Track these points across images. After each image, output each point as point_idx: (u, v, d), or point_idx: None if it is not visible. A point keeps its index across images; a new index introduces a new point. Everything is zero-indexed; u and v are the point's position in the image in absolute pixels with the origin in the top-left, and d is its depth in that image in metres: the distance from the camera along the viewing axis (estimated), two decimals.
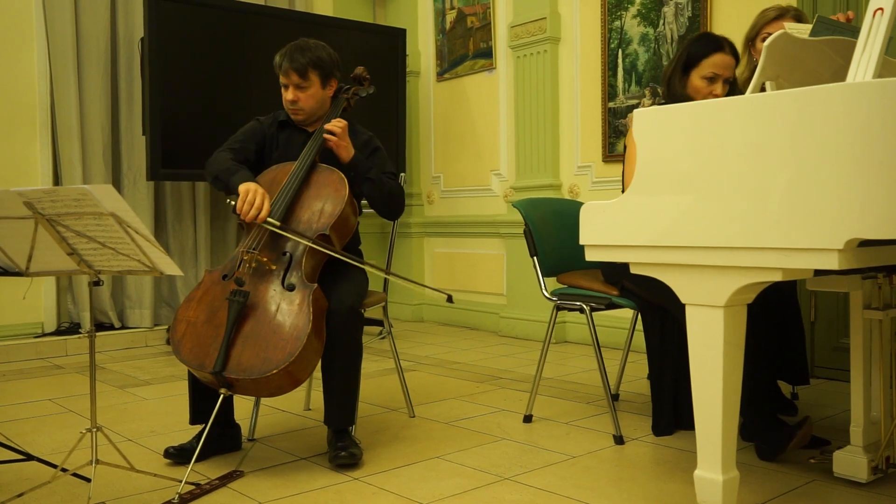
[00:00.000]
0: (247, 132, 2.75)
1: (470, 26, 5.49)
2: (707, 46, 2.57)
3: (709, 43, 2.58)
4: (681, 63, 2.58)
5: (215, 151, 2.68)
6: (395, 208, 2.80)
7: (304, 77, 2.63)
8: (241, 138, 2.73)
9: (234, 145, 2.69)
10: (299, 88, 2.65)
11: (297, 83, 2.64)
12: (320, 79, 2.68)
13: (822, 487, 2.21)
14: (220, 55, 4.70)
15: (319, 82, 2.68)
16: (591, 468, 2.43)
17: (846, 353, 2.44)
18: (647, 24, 4.36)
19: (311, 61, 2.63)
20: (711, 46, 2.56)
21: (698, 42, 2.60)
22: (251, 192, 2.43)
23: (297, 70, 2.62)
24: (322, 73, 2.67)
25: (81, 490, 2.21)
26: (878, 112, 1.49)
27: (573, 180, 4.79)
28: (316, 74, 2.66)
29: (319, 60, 2.66)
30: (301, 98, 2.66)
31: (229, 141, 2.72)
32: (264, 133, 2.76)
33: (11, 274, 2.18)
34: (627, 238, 1.89)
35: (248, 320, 2.38)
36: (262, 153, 2.76)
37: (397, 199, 2.78)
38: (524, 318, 5.01)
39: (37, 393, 3.61)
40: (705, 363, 1.81)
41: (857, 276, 2.15)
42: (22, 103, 4.66)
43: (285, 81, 2.67)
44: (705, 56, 2.55)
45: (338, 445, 2.46)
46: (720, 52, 2.55)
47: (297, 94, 2.66)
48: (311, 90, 2.67)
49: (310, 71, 2.63)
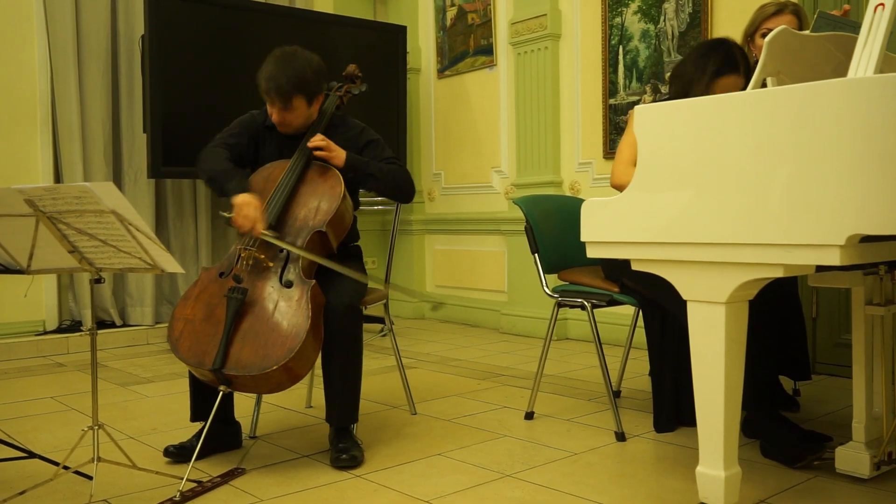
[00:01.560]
0: (242, 124, 2.73)
1: (470, 23, 5.48)
2: (729, 65, 2.52)
3: (731, 62, 2.53)
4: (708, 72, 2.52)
5: (208, 145, 2.64)
6: (405, 192, 2.78)
7: (289, 105, 2.58)
8: (236, 132, 2.70)
9: (228, 140, 2.66)
10: (285, 111, 2.60)
11: (282, 108, 2.59)
12: (306, 100, 2.62)
13: (825, 483, 2.21)
14: (221, 52, 4.70)
15: (306, 104, 2.63)
16: (593, 465, 2.43)
17: (848, 349, 2.44)
18: (647, 21, 4.35)
19: (295, 87, 2.55)
20: (733, 67, 2.52)
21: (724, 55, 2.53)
22: (247, 205, 2.42)
23: (282, 98, 2.56)
24: (307, 94, 2.61)
25: (83, 488, 2.21)
26: (880, 107, 1.49)
27: (574, 177, 4.79)
28: (301, 98, 2.60)
29: (304, 84, 2.58)
30: (288, 119, 2.63)
31: (223, 134, 2.69)
32: (258, 126, 2.74)
33: (13, 272, 2.18)
34: (628, 235, 1.89)
35: (246, 317, 2.38)
36: (256, 146, 2.74)
37: (404, 182, 2.76)
38: (525, 315, 5.01)
39: (38, 391, 3.61)
40: (707, 360, 1.81)
41: (858, 272, 2.15)
42: (22, 101, 4.66)
43: (270, 104, 2.62)
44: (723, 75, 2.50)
45: (339, 447, 2.46)
46: (736, 75, 2.51)
47: (283, 116, 2.62)
48: (298, 112, 2.62)
49: (294, 96, 2.57)
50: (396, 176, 2.73)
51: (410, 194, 2.80)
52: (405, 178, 2.77)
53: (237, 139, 2.68)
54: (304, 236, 2.50)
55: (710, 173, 1.73)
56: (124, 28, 4.93)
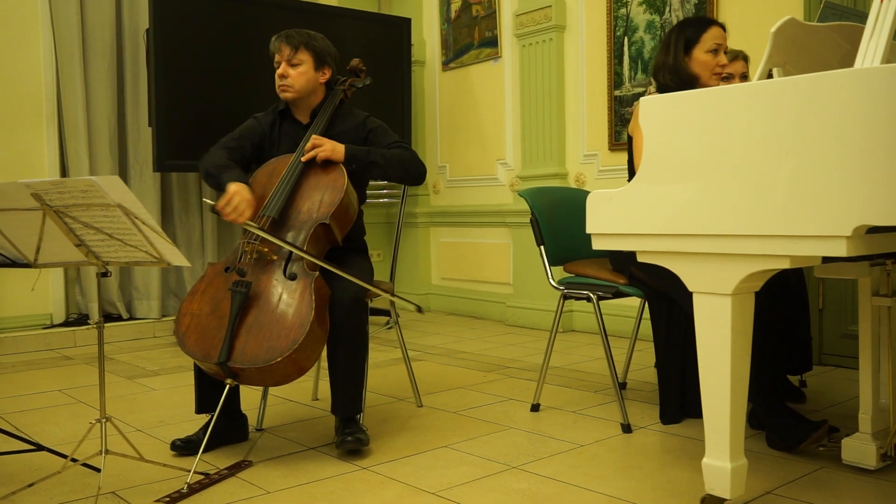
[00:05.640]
0: (244, 130, 2.74)
1: (475, 15, 5.47)
2: (701, 24, 2.65)
3: (701, 21, 2.68)
4: (681, 47, 2.60)
5: (211, 148, 2.67)
6: (413, 174, 2.74)
7: (294, 53, 2.63)
8: (238, 136, 2.72)
9: (230, 143, 2.69)
10: (290, 65, 2.65)
11: (288, 58, 2.64)
12: (313, 59, 2.67)
13: (831, 474, 2.21)
14: (226, 46, 4.69)
15: (312, 62, 2.67)
16: (599, 457, 2.44)
17: (854, 341, 2.43)
18: (653, 12, 4.33)
19: (304, 41, 2.65)
20: (705, 23, 2.65)
21: (689, 25, 2.66)
22: (236, 194, 2.43)
23: (290, 44, 2.64)
24: (315, 54, 2.67)
25: (91, 480, 2.23)
26: (886, 98, 1.48)
27: (579, 169, 4.78)
28: (308, 54, 2.66)
29: (313, 41, 2.68)
30: (291, 74, 2.65)
31: (226, 139, 2.71)
32: (262, 131, 2.75)
33: (20, 265, 2.19)
34: (634, 226, 1.89)
35: (251, 310, 2.38)
36: (260, 151, 2.75)
37: (410, 165, 2.71)
38: (531, 308, 5.01)
39: (46, 384, 3.63)
40: (713, 351, 1.81)
41: (865, 263, 2.14)
42: (28, 96, 4.67)
43: (278, 58, 2.67)
44: (704, 31, 2.60)
45: (345, 431, 2.47)
46: (714, 26, 2.63)
47: (286, 69, 2.65)
48: (302, 68, 2.65)
49: (302, 48, 2.64)
50: (402, 159, 2.70)
51: (420, 175, 2.75)
52: (411, 159, 2.72)
53: (238, 143, 2.70)
54: (308, 229, 2.50)
55: (715, 164, 1.73)
56: (129, 22, 4.93)
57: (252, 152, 2.73)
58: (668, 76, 2.61)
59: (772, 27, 1.91)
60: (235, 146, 2.69)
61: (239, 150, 2.68)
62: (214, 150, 2.65)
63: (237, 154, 2.67)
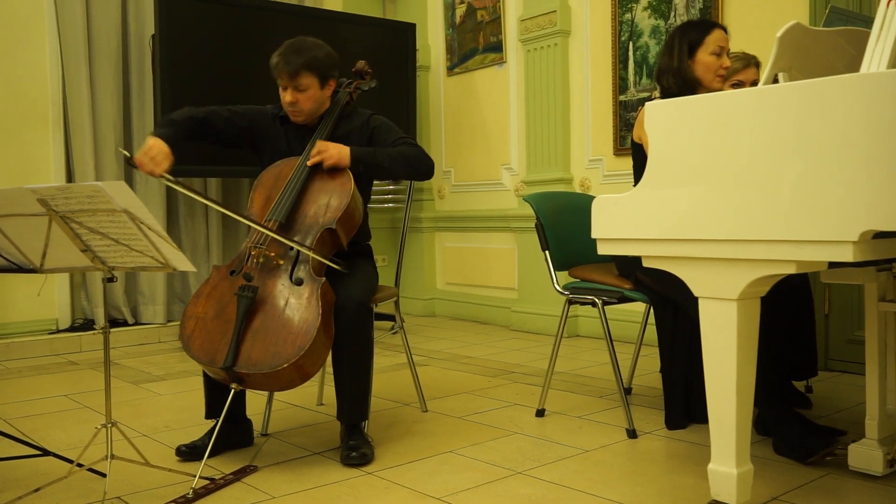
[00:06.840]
0: (251, 110, 2.75)
1: (480, 20, 5.47)
2: (704, 26, 2.65)
3: (703, 24, 2.69)
4: (684, 49, 2.61)
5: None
6: (421, 170, 2.71)
7: (299, 79, 2.59)
8: (240, 111, 2.72)
9: (224, 110, 2.69)
10: (297, 90, 2.62)
11: (294, 85, 2.61)
12: (318, 80, 2.63)
13: (837, 481, 2.20)
14: (231, 51, 4.70)
15: (317, 83, 2.64)
16: (604, 462, 2.43)
17: (861, 346, 2.42)
18: (657, 17, 4.34)
19: (305, 63, 2.59)
20: (708, 25, 2.66)
21: (692, 27, 2.66)
22: (154, 147, 2.41)
23: (292, 73, 2.58)
24: (319, 73, 2.63)
25: (97, 485, 2.23)
26: (892, 102, 1.48)
27: (584, 174, 4.78)
28: (312, 76, 2.61)
29: (315, 61, 2.61)
30: (300, 100, 2.63)
31: (230, 106, 2.72)
32: (266, 121, 2.75)
33: (26, 271, 2.19)
34: (639, 231, 1.88)
35: (257, 315, 2.38)
36: (252, 137, 2.74)
37: (416, 161, 2.69)
38: (536, 313, 5.00)
39: (52, 389, 3.63)
40: (719, 356, 1.80)
41: (871, 269, 2.13)
42: (34, 101, 4.68)
43: (282, 84, 2.63)
44: (707, 34, 2.61)
45: (349, 444, 2.46)
46: (717, 28, 2.63)
47: (295, 95, 2.62)
48: (310, 92, 2.63)
49: (305, 73, 2.59)
50: (408, 157, 2.68)
51: (428, 170, 2.73)
52: (417, 155, 2.70)
53: (232, 114, 2.70)
54: (315, 233, 2.50)
55: (721, 169, 1.72)
56: (135, 27, 4.95)
57: (245, 132, 2.72)
58: (671, 79, 2.61)
59: (777, 32, 1.91)
60: (228, 116, 2.68)
61: (229, 122, 2.68)
62: (202, 108, 2.67)
63: (223, 118, 2.67)
